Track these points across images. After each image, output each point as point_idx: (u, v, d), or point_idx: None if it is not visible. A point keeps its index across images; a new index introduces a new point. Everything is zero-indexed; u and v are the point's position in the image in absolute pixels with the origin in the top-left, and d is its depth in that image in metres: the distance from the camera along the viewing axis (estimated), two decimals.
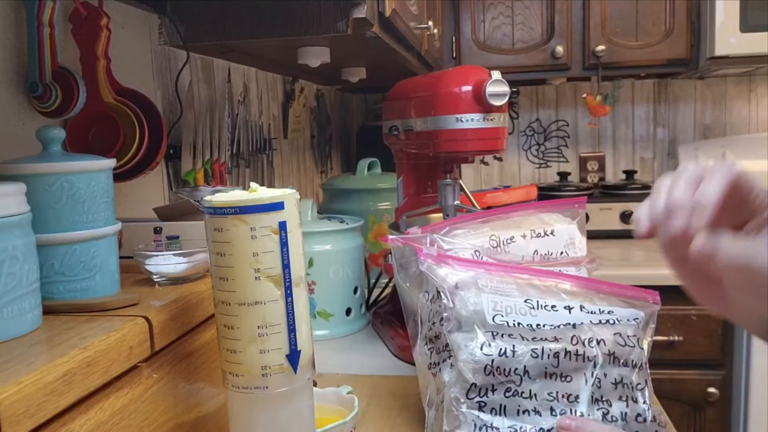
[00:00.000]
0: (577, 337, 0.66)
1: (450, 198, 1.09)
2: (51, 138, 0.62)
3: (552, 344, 0.65)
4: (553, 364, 0.65)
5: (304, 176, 2.01)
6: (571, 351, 0.65)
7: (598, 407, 0.65)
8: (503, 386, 0.64)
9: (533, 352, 0.64)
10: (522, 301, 0.68)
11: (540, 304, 0.68)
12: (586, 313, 0.69)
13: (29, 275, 0.53)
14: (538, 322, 0.67)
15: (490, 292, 0.68)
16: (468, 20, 2.18)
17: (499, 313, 0.67)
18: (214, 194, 0.56)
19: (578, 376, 0.65)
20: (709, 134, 2.50)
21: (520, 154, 2.62)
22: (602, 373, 0.66)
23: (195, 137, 1.24)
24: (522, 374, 0.64)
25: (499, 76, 0.94)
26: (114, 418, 0.51)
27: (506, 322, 0.66)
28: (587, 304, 0.69)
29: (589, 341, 0.66)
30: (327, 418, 0.74)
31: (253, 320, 0.55)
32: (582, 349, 0.65)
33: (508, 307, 0.67)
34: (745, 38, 1.94)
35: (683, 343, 1.86)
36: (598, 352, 0.66)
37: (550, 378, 0.65)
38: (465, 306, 0.67)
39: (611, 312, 0.69)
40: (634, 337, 0.68)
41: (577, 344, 0.65)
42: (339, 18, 1.02)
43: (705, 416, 1.90)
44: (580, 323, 0.68)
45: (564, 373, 0.65)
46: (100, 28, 0.87)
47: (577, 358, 0.65)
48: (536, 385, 0.65)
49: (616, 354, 0.66)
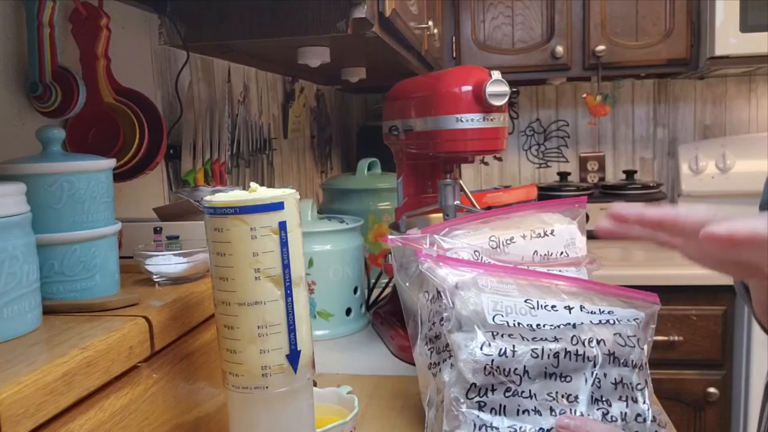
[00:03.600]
0: (577, 337, 0.66)
1: (450, 198, 1.09)
2: (51, 138, 0.62)
3: (552, 344, 0.65)
4: (553, 364, 0.65)
5: (304, 176, 2.01)
6: (571, 351, 0.65)
7: (597, 407, 0.65)
8: (503, 386, 0.64)
9: (533, 352, 0.64)
10: (522, 301, 0.68)
11: (540, 304, 0.68)
12: (586, 313, 0.69)
13: (29, 275, 0.53)
14: (538, 322, 0.67)
15: (490, 292, 0.68)
16: (468, 20, 2.18)
17: (499, 312, 0.67)
18: (214, 194, 0.56)
19: (578, 376, 0.65)
20: (709, 134, 2.50)
21: (520, 154, 2.62)
22: (602, 373, 0.66)
23: (195, 137, 1.24)
24: (522, 374, 0.64)
25: (499, 76, 0.95)
26: (114, 418, 0.51)
27: (506, 322, 0.66)
28: (587, 304, 0.70)
29: (589, 341, 0.66)
30: (327, 418, 0.74)
31: (253, 320, 0.55)
32: (582, 349, 0.65)
33: (508, 306, 0.67)
34: (745, 38, 1.94)
35: (683, 343, 1.86)
36: (598, 352, 0.66)
37: (550, 378, 0.65)
38: (465, 306, 0.67)
39: (611, 312, 0.69)
40: (634, 337, 0.68)
41: (577, 344, 0.66)
42: (339, 18, 1.02)
43: (705, 416, 1.90)
44: (580, 323, 0.68)
45: (564, 373, 0.65)
46: (100, 28, 0.87)
47: (577, 358, 0.65)
48: (536, 385, 0.65)
49: (616, 354, 0.66)
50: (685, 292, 1.83)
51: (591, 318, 0.68)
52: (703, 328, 1.86)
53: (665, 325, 1.85)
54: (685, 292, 1.83)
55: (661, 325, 1.84)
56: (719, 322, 1.85)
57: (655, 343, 0.73)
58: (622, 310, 0.70)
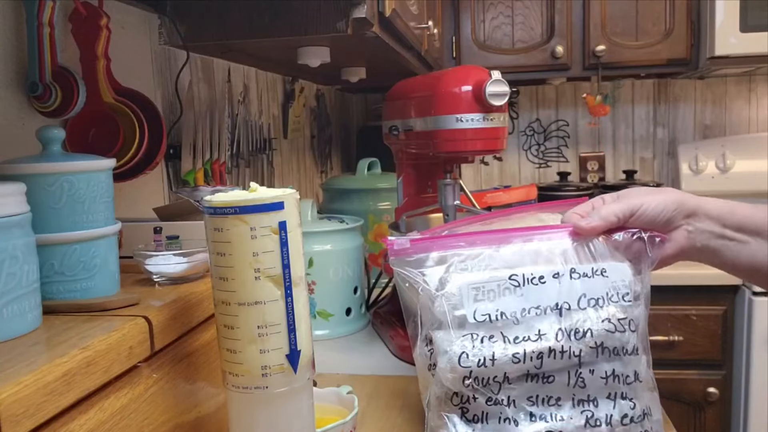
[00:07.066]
0: (563, 331, 0.64)
1: (450, 198, 1.09)
2: (51, 138, 0.62)
3: (535, 344, 0.63)
4: (535, 366, 0.63)
5: (304, 176, 2.01)
6: (556, 349, 0.63)
7: (582, 409, 0.64)
8: (483, 396, 0.63)
9: (514, 357, 0.63)
10: (507, 278, 0.65)
11: (526, 277, 0.65)
12: (577, 280, 0.66)
13: (29, 275, 0.53)
14: (524, 306, 0.65)
15: (474, 270, 0.65)
16: (468, 20, 2.18)
17: (482, 302, 0.64)
18: (214, 194, 0.56)
19: (561, 375, 0.64)
20: (709, 134, 2.50)
21: (520, 154, 2.62)
22: (588, 369, 0.64)
23: (195, 137, 1.24)
24: (502, 381, 0.63)
25: (499, 76, 0.95)
26: (114, 418, 0.51)
27: (488, 316, 0.64)
28: (577, 264, 0.67)
29: (575, 333, 0.64)
30: (327, 418, 0.74)
31: (253, 320, 0.55)
32: (567, 345, 0.63)
33: (491, 291, 0.65)
34: (745, 38, 1.94)
35: (683, 343, 1.86)
36: (584, 346, 0.64)
37: (532, 380, 0.64)
38: (443, 305, 0.65)
39: (604, 271, 0.67)
40: (625, 319, 0.66)
41: (562, 339, 0.64)
42: (339, 18, 1.02)
43: (705, 416, 1.90)
44: (567, 308, 0.65)
45: (546, 374, 0.64)
46: (100, 28, 0.87)
47: (562, 355, 0.64)
48: (515, 391, 0.63)
49: (606, 344, 0.65)
50: (685, 292, 1.83)
51: (582, 288, 0.65)
52: (703, 328, 1.86)
53: (665, 325, 1.85)
54: (685, 292, 1.83)
55: (661, 325, 1.85)
56: (719, 322, 1.85)
57: (655, 343, 0.72)
58: (614, 263, 0.68)
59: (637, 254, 0.70)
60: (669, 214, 0.70)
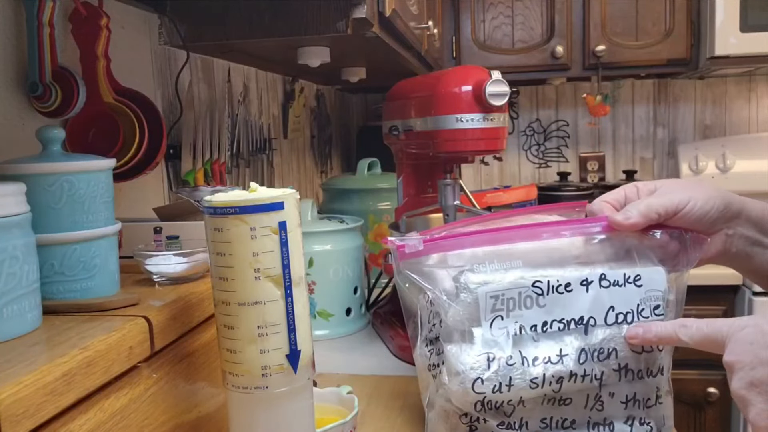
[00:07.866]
0: (586, 352, 0.59)
1: (450, 198, 1.09)
2: (51, 138, 0.62)
3: (555, 367, 0.58)
4: (554, 390, 0.59)
5: (304, 176, 2.01)
6: (577, 373, 0.59)
7: None
8: (495, 419, 0.60)
9: (532, 383, 0.58)
10: (530, 285, 0.59)
11: (551, 285, 0.60)
12: (606, 289, 0.60)
13: (29, 275, 0.53)
14: (545, 319, 0.60)
15: (490, 273, 0.59)
16: (468, 20, 2.18)
17: (499, 314, 0.59)
18: (214, 194, 0.56)
19: (579, 397, 0.60)
20: (709, 134, 2.50)
21: (520, 154, 2.62)
22: (608, 392, 0.60)
23: (195, 137, 1.24)
24: (516, 404, 0.60)
25: (499, 76, 0.94)
26: (114, 418, 0.51)
27: (506, 331, 0.59)
28: (607, 269, 0.61)
29: (599, 354, 0.59)
30: (327, 418, 0.74)
31: (253, 320, 0.55)
32: (590, 368, 0.59)
33: (511, 300, 0.59)
34: (745, 38, 1.94)
35: None
36: (607, 368, 0.60)
37: (548, 403, 0.60)
38: (458, 315, 0.61)
39: (638, 279, 0.61)
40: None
41: (585, 362, 0.59)
42: (339, 18, 1.02)
43: (705, 416, 1.90)
44: (593, 324, 0.60)
45: (564, 397, 0.60)
46: (100, 28, 0.87)
47: (583, 379, 0.59)
48: (528, 413, 0.60)
49: (630, 366, 0.61)
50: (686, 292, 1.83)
51: (610, 300, 0.60)
52: None
53: None
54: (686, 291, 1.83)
55: None
56: None
57: None
58: (649, 269, 0.61)
59: (672, 255, 0.64)
60: (716, 215, 0.63)
